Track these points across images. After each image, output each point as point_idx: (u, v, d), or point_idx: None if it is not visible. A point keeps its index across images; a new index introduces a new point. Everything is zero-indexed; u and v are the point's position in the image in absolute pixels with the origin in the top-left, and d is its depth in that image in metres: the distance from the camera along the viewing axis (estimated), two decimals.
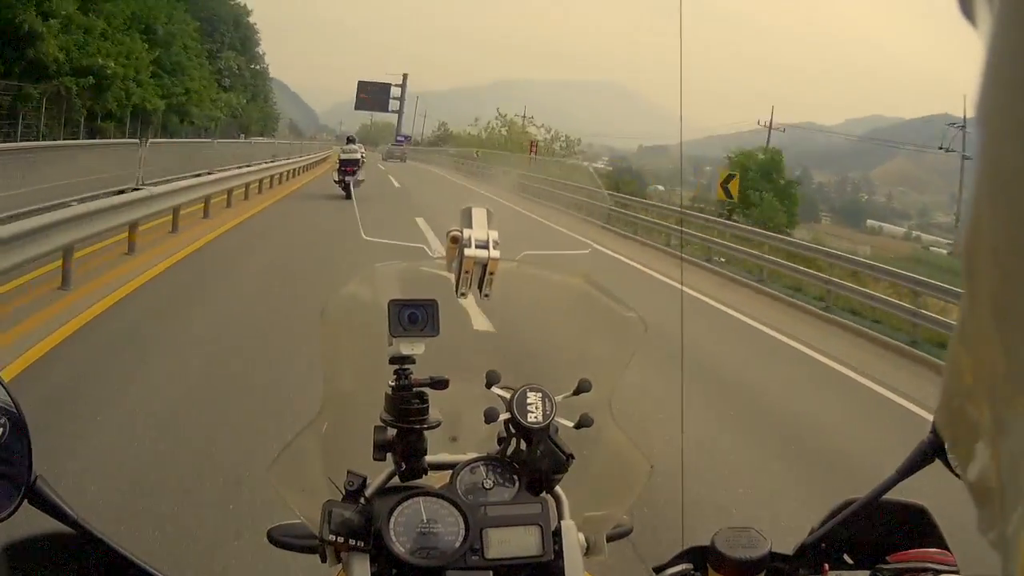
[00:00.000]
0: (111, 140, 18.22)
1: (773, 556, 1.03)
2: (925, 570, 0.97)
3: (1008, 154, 0.27)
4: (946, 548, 1.02)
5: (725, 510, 4.28)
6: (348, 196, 18.63)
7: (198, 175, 14.73)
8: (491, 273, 1.15)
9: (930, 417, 3.51)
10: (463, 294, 1.17)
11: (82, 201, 8.72)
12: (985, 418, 0.30)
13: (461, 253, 1.14)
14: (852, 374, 8.49)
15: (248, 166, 19.93)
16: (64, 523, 0.84)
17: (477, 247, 1.14)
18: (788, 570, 1.04)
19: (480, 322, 1.41)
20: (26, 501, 0.82)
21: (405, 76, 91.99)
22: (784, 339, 9.86)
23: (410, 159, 56.91)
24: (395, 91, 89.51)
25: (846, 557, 1.08)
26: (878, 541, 1.06)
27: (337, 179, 19.88)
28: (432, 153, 69.11)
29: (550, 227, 14.44)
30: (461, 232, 1.15)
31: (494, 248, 1.15)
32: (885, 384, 8.14)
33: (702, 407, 6.07)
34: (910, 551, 1.01)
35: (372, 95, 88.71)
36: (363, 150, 21.22)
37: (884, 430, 6.48)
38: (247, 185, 18.05)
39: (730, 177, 20.56)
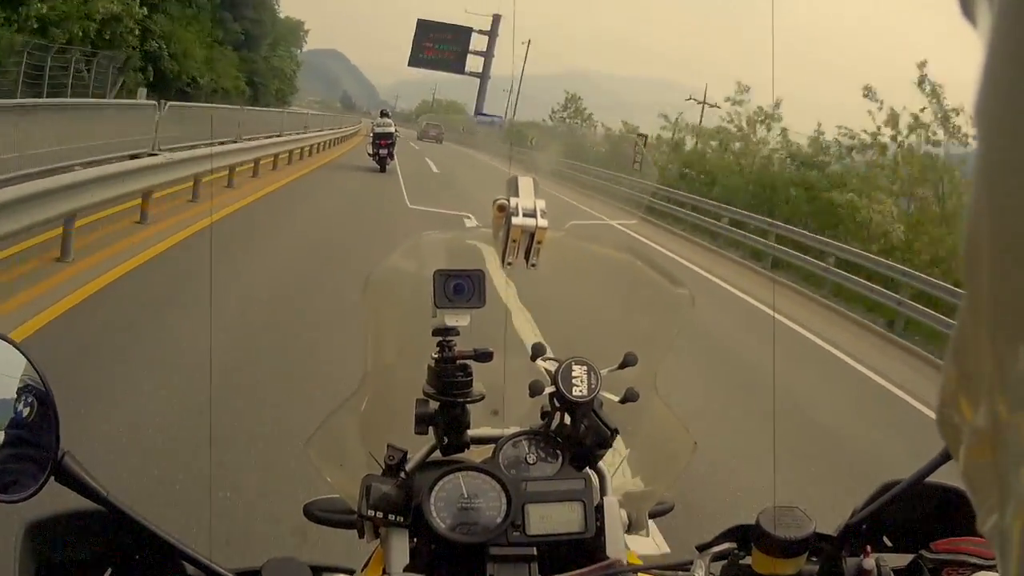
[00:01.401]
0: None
1: (817, 536, 1.01)
2: (967, 564, 0.95)
3: (1008, 154, 0.27)
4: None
5: None
6: (382, 169, 19.24)
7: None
8: (539, 243, 1.13)
9: None
10: (510, 263, 1.15)
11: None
12: (984, 418, 0.30)
13: (508, 222, 1.12)
14: None
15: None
16: (93, 500, 0.83)
17: (524, 216, 1.12)
18: (831, 551, 1.02)
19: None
20: (53, 478, 0.81)
21: (496, 18, 60.70)
22: None
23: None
24: (476, 43, 60.31)
25: (886, 540, 1.07)
26: (918, 525, 1.05)
27: (371, 152, 20.13)
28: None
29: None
30: (508, 201, 1.12)
31: (542, 217, 1.12)
32: None
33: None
34: (953, 539, 0.99)
35: (439, 45, 59.40)
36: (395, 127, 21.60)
37: None
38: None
39: None
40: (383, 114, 21.96)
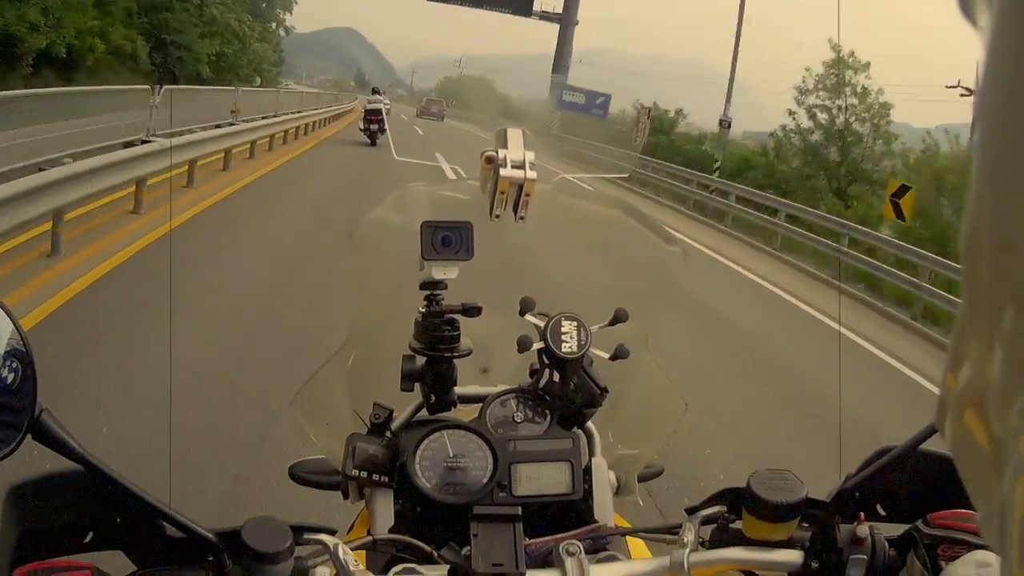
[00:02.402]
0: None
1: (809, 502, 0.99)
2: (962, 542, 0.93)
3: (1008, 154, 0.27)
4: None
5: None
6: (372, 143, 20.33)
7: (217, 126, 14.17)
8: (527, 195, 1.10)
9: None
10: (497, 216, 1.12)
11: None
12: (984, 418, 0.30)
13: (496, 173, 1.10)
14: None
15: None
16: (70, 458, 0.81)
17: (513, 167, 1.10)
18: (824, 517, 0.99)
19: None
20: (30, 436, 0.79)
21: None
22: None
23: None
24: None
25: (879, 508, 1.05)
26: (912, 494, 1.03)
27: (362, 127, 21.26)
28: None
29: None
30: (496, 152, 1.10)
31: (530, 169, 1.10)
32: None
33: None
34: (949, 513, 0.97)
35: None
36: (387, 101, 23.34)
37: None
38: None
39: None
40: (374, 91, 23.46)
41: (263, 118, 17.95)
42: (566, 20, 42.13)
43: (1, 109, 9.15)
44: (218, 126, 14.23)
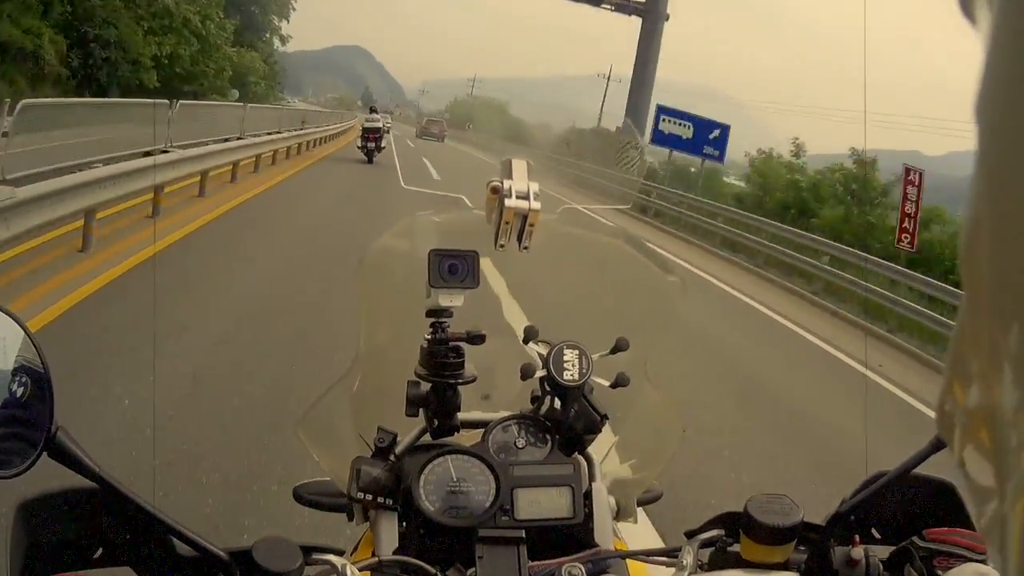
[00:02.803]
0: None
1: (805, 525, 1.01)
2: (956, 555, 0.95)
3: (1008, 154, 0.27)
4: (974, 526, 1.00)
5: None
6: (369, 160, 20.50)
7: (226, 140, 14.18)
8: (531, 225, 1.13)
9: None
10: (502, 246, 1.15)
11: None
12: (984, 419, 0.30)
13: (501, 204, 1.12)
14: None
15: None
16: (86, 476, 0.82)
17: (518, 198, 1.12)
18: (819, 540, 1.02)
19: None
20: (45, 454, 0.80)
21: None
22: None
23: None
24: None
25: (874, 531, 1.07)
26: (906, 517, 1.05)
27: (360, 145, 21.35)
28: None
29: None
30: (501, 183, 1.13)
31: (535, 200, 1.12)
32: None
33: None
34: (941, 530, 0.99)
35: None
36: (389, 120, 22.99)
37: None
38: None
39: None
40: (372, 110, 23.55)
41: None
42: (652, 13, 29.74)
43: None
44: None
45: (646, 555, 1.08)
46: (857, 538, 1.01)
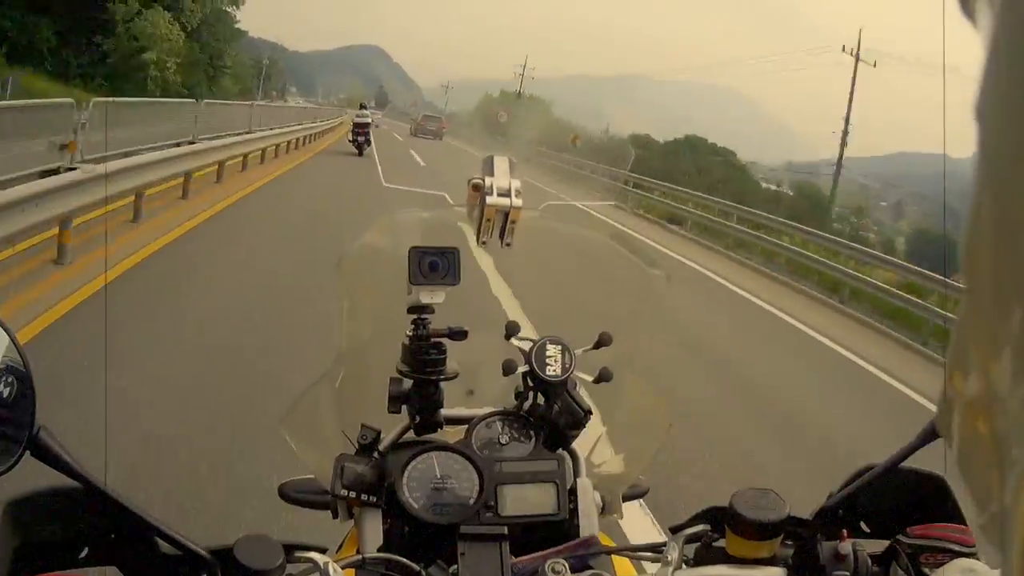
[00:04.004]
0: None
1: (792, 520, 1.00)
2: (945, 550, 0.95)
3: (1008, 154, 0.27)
4: (962, 520, 1.00)
5: None
6: (360, 153, 21.44)
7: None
8: (513, 222, 1.12)
9: None
10: (484, 242, 1.14)
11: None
12: (985, 419, 0.30)
13: (483, 201, 1.11)
14: None
15: None
16: (68, 475, 0.81)
17: (499, 195, 1.12)
18: (806, 535, 1.01)
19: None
20: (28, 454, 0.79)
21: None
22: None
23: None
24: None
25: (863, 525, 1.06)
26: (895, 510, 1.04)
27: (350, 139, 22.55)
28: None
29: None
30: (483, 180, 1.12)
31: (516, 196, 1.12)
32: None
33: None
34: (930, 525, 0.98)
35: None
36: (372, 116, 24.51)
37: None
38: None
39: None
40: (361, 107, 24.87)
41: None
42: None
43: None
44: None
45: (631, 551, 1.07)
46: (845, 532, 1.00)
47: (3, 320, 0.81)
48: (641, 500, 1.33)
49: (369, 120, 23.06)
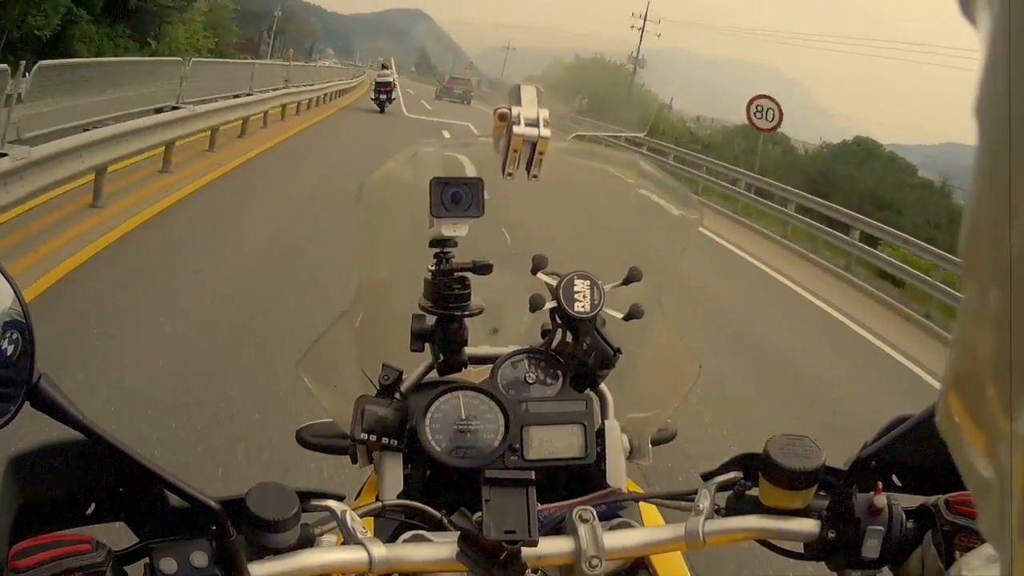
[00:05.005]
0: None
1: (827, 470, 0.96)
2: (978, 532, 0.90)
3: (1008, 153, 0.27)
4: None
5: None
6: (381, 111, 23.63)
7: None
8: (540, 153, 1.07)
9: None
10: (510, 174, 1.09)
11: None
12: (985, 419, 0.30)
13: (509, 131, 1.06)
14: None
15: None
16: (70, 425, 0.78)
17: (527, 125, 1.06)
18: (840, 486, 0.97)
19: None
20: (28, 404, 0.76)
21: None
22: None
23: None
24: None
25: (895, 479, 1.01)
26: (928, 465, 0.99)
27: (373, 97, 24.54)
28: None
29: None
30: (510, 109, 1.07)
31: (544, 127, 1.06)
32: None
33: None
34: (968, 498, 0.93)
35: None
36: (395, 74, 25.72)
37: None
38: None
39: None
40: (383, 67, 26.45)
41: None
42: None
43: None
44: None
45: (661, 498, 1.03)
46: (879, 484, 0.95)
47: (7, 271, 0.78)
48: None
49: (391, 80, 23.62)
